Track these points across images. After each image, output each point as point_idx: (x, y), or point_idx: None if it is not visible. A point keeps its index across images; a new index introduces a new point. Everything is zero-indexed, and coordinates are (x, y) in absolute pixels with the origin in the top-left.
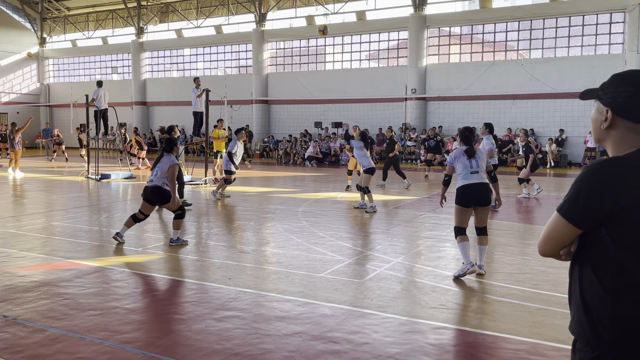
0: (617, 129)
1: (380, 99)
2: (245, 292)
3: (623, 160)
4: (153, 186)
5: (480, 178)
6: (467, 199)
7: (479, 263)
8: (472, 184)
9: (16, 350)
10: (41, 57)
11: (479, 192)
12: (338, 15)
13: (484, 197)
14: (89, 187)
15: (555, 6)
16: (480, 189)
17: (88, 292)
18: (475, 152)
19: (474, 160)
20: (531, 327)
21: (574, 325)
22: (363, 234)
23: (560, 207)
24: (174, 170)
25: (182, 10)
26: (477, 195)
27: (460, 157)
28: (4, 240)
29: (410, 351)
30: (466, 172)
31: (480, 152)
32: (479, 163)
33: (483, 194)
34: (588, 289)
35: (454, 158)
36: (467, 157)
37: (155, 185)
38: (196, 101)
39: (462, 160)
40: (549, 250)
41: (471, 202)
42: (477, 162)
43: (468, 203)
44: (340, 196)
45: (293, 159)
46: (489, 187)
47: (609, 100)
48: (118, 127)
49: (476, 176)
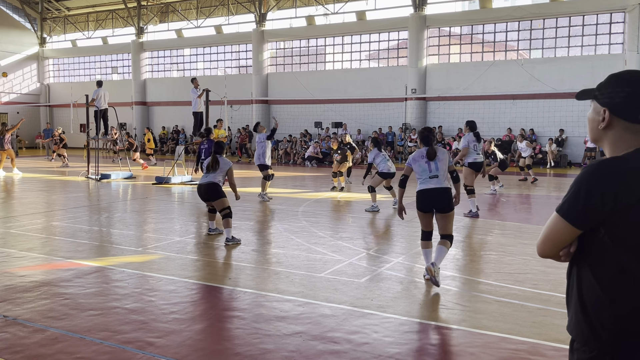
0: (614, 129)
1: (380, 99)
2: (245, 292)
3: (622, 161)
4: (208, 183)
5: (439, 183)
6: (425, 203)
7: (434, 261)
8: (430, 189)
9: (16, 350)
10: (41, 57)
11: (436, 198)
12: (338, 15)
13: (443, 203)
14: (89, 187)
15: (555, 6)
16: (438, 195)
17: (88, 292)
18: (435, 154)
19: (433, 163)
20: (531, 327)
21: (572, 326)
22: (363, 234)
23: (560, 208)
24: (232, 170)
25: (182, 10)
26: (435, 200)
27: (419, 159)
28: (4, 240)
29: (410, 351)
30: (425, 177)
31: (442, 154)
32: (439, 166)
33: (441, 199)
34: (587, 289)
35: (413, 160)
36: (427, 159)
37: (210, 182)
38: (196, 101)
39: (421, 163)
40: (549, 251)
41: (429, 207)
42: (436, 165)
43: (426, 208)
44: (340, 196)
45: (293, 159)
46: (449, 192)
47: (606, 100)
48: (118, 127)
49: (435, 181)
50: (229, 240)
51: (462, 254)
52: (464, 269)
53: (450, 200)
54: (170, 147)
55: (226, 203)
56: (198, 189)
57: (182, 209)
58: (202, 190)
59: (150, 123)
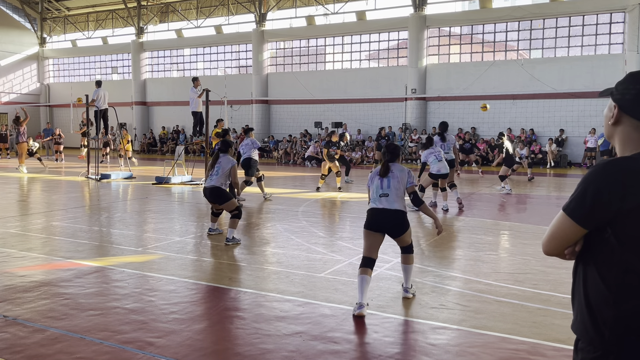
0: (623, 126)
1: (380, 99)
2: (245, 292)
3: (630, 161)
4: (212, 187)
5: (390, 203)
6: (372, 223)
7: (405, 285)
8: (378, 209)
9: (16, 350)
10: (41, 57)
11: (384, 220)
12: (338, 15)
13: (392, 226)
14: (89, 187)
15: (555, 6)
16: (386, 216)
17: (88, 292)
18: (388, 170)
19: (385, 180)
20: (531, 327)
21: (577, 325)
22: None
23: (566, 207)
24: (236, 169)
25: (182, 10)
26: (383, 223)
27: (375, 176)
28: (4, 240)
29: (410, 351)
30: (376, 195)
31: (399, 170)
32: (391, 184)
33: (390, 222)
34: (592, 288)
35: (370, 178)
36: (379, 175)
37: (213, 186)
38: (194, 101)
39: (376, 180)
40: (554, 250)
41: (377, 228)
42: (388, 183)
43: (373, 227)
44: (340, 196)
45: (293, 159)
46: (401, 216)
47: (618, 97)
48: (118, 127)
49: (384, 200)
50: (229, 240)
51: (462, 254)
52: (464, 269)
53: (403, 223)
54: (170, 147)
55: (235, 204)
56: (204, 192)
57: (182, 209)
58: (207, 194)
59: (150, 123)
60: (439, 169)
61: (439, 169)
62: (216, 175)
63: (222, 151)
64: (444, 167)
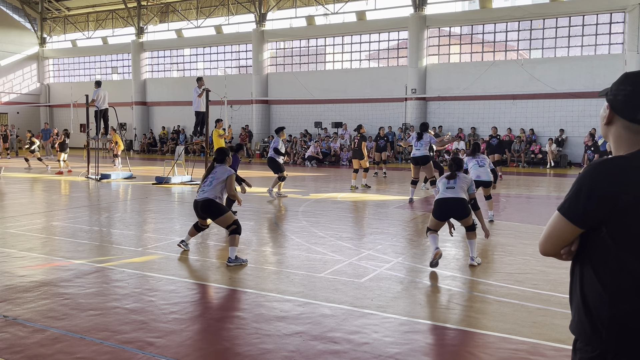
0: (615, 126)
1: (380, 99)
2: (245, 292)
3: (624, 160)
4: (204, 200)
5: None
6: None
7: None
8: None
9: (16, 350)
10: (41, 57)
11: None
12: (338, 15)
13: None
14: (89, 187)
15: (555, 6)
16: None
17: (88, 292)
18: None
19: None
20: (531, 327)
21: (575, 325)
22: (363, 234)
23: (561, 206)
24: (232, 180)
25: (182, 10)
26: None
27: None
28: (4, 240)
29: (410, 351)
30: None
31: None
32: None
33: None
34: (589, 288)
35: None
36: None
37: (206, 198)
38: (196, 100)
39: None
40: (550, 250)
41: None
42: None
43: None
44: (340, 196)
45: (293, 159)
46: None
47: (610, 97)
48: (118, 127)
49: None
50: (231, 261)
51: (462, 254)
52: (464, 269)
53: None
54: (170, 147)
55: (231, 218)
56: (195, 207)
57: (182, 209)
58: (197, 208)
59: (150, 123)
60: (479, 175)
61: (478, 175)
62: (209, 186)
63: (219, 161)
64: (485, 173)
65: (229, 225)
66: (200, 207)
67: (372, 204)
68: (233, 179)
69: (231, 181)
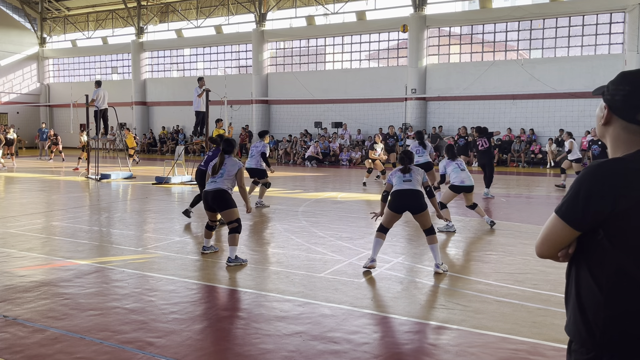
0: (613, 126)
1: (380, 99)
2: (245, 292)
3: (622, 162)
4: (216, 190)
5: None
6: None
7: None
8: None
9: (16, 350)
10: (41, 57)
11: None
12: (338, 15)
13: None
14: (89, 187)
15: (555, 6)
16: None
17: (88, 292)
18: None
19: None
20: (531, 327)
21: (570, 326)
22: (363, 234)
23: (559, 209)
24: (242, 173)
25: (182, 10)
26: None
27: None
28: (4, 240)
29: (410, 351)
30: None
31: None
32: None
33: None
34: (584, 290)
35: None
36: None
37: (219, 188)
38: (197, 100)
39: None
40: (547, 252)
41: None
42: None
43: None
44: (340, 196)
45: (293, 159)
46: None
47: (608, 97)
48: (118, 127)
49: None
50: (232, 261)
51: (462, 254)
52: (464, 269)
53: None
54: (170, 147)
55: (236, 214)
56: (204, 197)
57: (182, 209)
58: (208, 198)
59: (150, 123)
60: (463, 180)
61: (462, 180)
62: (220, 177)
63: (227, 152)
64: (468, 177)
65: (231, 222)
66: (211, 197)
67: (372, 204)
68: (243, 173)
69: (242, 174)
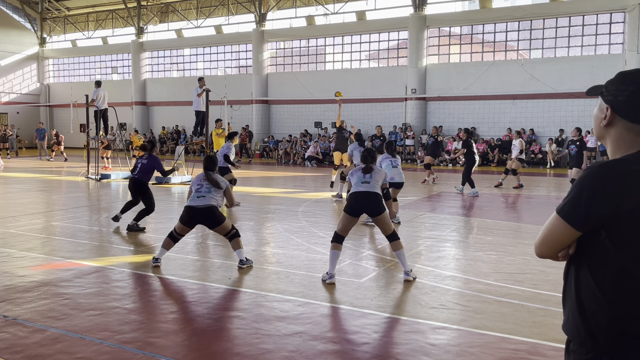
0: (615, 127)
1: (380, 99)
2: (245, 292)
3: (625, 163)
4: (206, 207)
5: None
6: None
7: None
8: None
9: (16, 350)
10: (41, 57)
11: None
12: (338, 15)
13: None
14: (89, 187)
15: (555, 6)
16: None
17: (88, 292)
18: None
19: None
20: (531, 327)
21: (569, 326)
22: (363, 234)
23: (560, 209)
24: (230, 190)
25: (182, 10)
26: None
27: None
28: (4, 240)
29: (410, 351)
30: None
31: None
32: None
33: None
34: (584, 290)
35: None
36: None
37: (209, 205)
38: (196, 100)
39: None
40: (547, 252)
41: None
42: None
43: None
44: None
45: (293, 159)
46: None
47: (609, 97)
48: (118, 127)
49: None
50: (244, 263)
51: (462, 254)
52: (464, 269)
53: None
54: (170, 147)
55: (229, 225)
56: (188, 212)
57: (182, 209)
58: (197, 217)
59: (150, 123)
60: (393, 177)
61: (392, 177)
62: (207, 192)
63: (209, 169)
64: (399, 174)
65: (229, 232)
66: (202, 215)
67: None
68: (231, 189)
69: (230, 191)
